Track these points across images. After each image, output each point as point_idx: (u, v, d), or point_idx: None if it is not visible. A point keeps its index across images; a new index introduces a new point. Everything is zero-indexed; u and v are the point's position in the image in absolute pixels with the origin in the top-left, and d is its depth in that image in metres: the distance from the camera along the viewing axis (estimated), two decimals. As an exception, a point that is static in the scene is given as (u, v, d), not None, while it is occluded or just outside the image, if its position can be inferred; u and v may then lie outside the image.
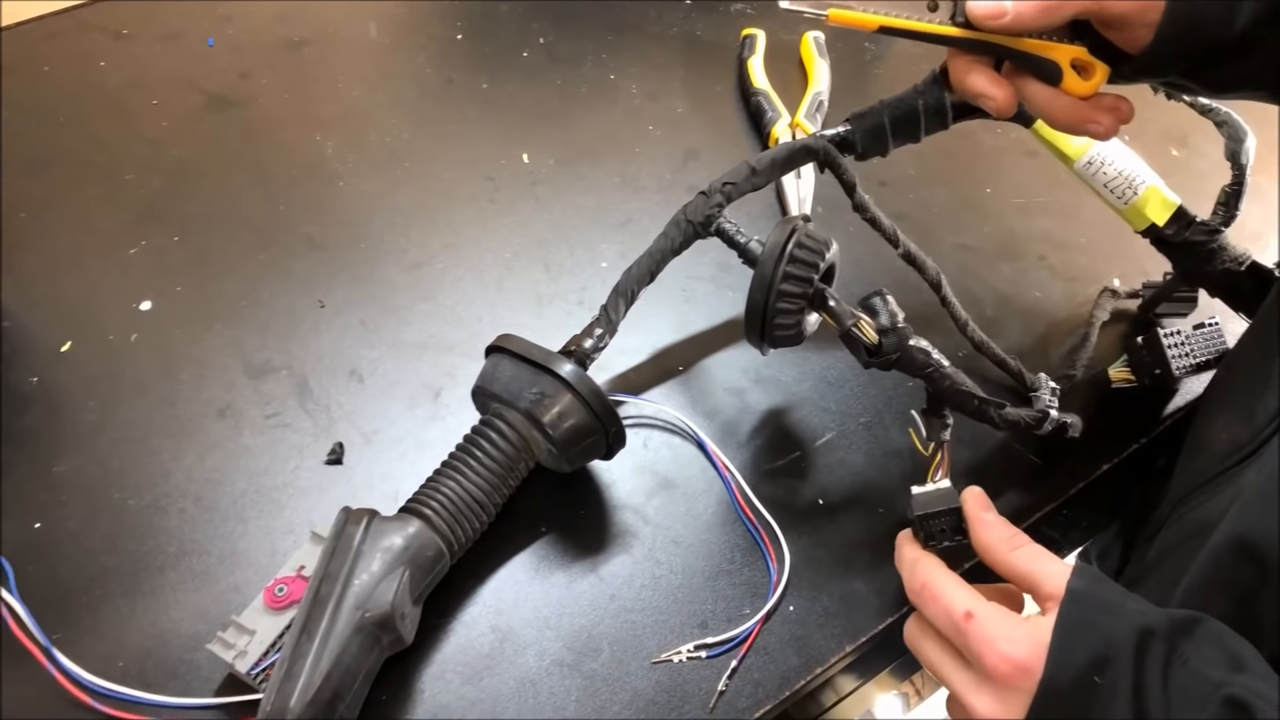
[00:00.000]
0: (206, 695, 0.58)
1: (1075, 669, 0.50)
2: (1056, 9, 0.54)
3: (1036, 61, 0.57)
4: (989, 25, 0.55)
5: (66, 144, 0.84)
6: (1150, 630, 0.49)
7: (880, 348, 0.63)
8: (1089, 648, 0.50)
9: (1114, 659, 0.49)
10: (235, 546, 0.64)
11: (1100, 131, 0.57)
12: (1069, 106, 0.57)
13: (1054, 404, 0.68)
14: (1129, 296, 0.81)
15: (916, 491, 0.62)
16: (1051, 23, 0.55)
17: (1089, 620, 0.50)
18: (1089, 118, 0.57)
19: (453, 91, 0.92)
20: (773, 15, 0.98)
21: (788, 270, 0.63)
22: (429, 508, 0.60)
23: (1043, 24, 0.55)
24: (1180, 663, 0.48)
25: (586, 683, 0.60)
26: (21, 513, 0.64)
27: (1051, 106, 0.57)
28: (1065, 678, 0.50)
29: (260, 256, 0.78)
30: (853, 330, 0.63)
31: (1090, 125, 0.57)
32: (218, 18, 0.94)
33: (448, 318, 0.76)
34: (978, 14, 0.55)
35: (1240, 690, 0.46)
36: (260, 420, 0.69)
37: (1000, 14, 0.54)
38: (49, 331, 0.72)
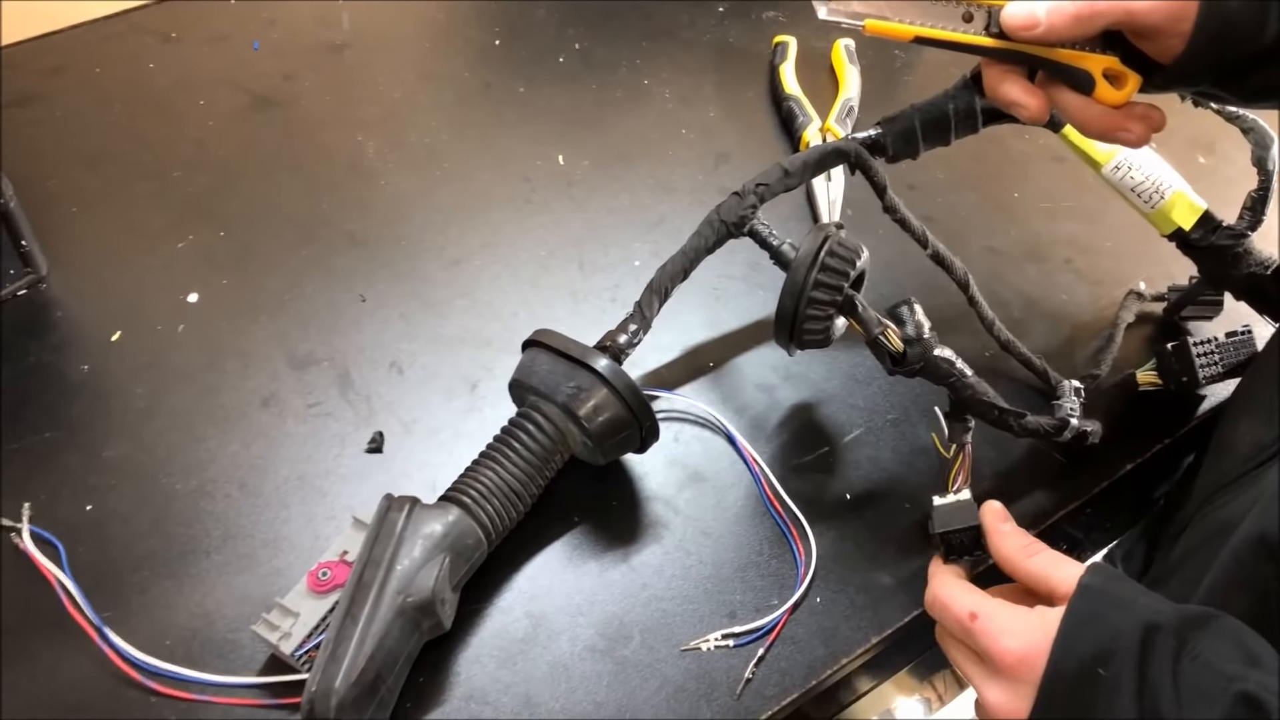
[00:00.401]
0: (250, 674, 0.59)
1: (1079, 660, 0.51)
2: (1089, 20, 0.55)
3: (1070, 71, 0.58)
4: (1022, 36, 0.56)
5: (116, 142, 0.86)
6: (1156, 625, 0.50)
7: (905, 356, 0.64)
8: (1094, 640, 0.50)
9: (1118, 652, 0.50)
10: (278, 531, 0.66)
11: (1132, 139, 0.58)
12: (1101, 114, 0.58)
13: (1075, 410, 0.69)
14: (1155, 300, 0.82)
15: (938, 504, 0.64)
16: (1084, 33, 0.56)
17: (1096, 613, 0.51)
18: (1121, 125, 0.58)
19: (490, 94, 0.94)
20: (805, 23, 1.00)
21: (819, 278, 0.65)
22: (469, 496, 0.61)
23: (1075, 34, 0.56)
24: (1191, 657, 0.48)
25: (617, 668, 0.61)
26: (72, 495, 0.66)
27: (1084, 114, 0.58)
28: (1069, 669, 0.51)
29: (303, 252, 0.80)
30: (879, 338, 0.65)
31: (1122, 133, 0.58)
32: (263, 21, 0.97)
33: (485, 313, 0.78)
34: (1011, 24, 0.56)
35: (1254, 686, 0.46)
36: (303, 409, 0.71)
37: (1034, 24, 0.55)
38: (99, 322, 0.75)
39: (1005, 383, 0.76)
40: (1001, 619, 0.55)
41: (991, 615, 0.55)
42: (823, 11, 0.60)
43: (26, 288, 0.76)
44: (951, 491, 0.65)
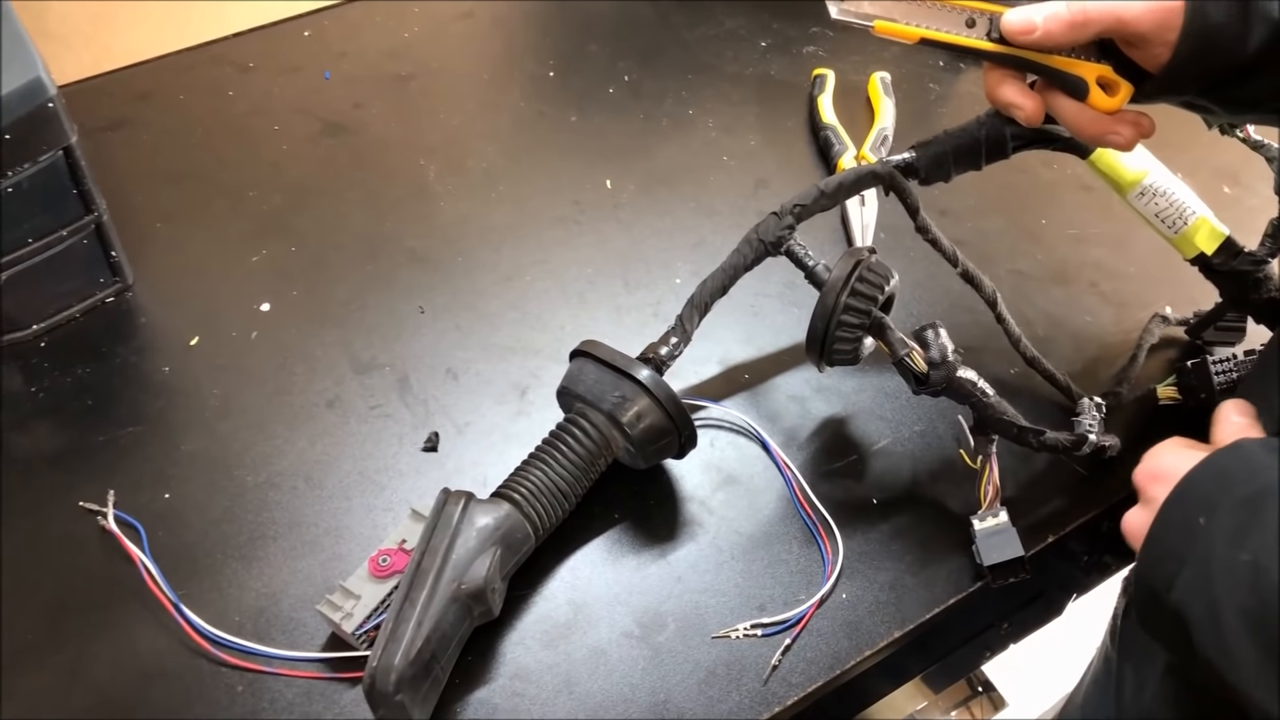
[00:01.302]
0: (312, 650, 0.64)
1: (1191, 500, 0.51)
2: (1082, 26, 0.59)
3: (1065, 77, 0.62)
4: (1020, 40, 0.60)
5: (198, 163, 0.92)
6: (1267, 490, 0.48)
7: (929, 378, 0.68)
8: (1210, 486, 0.51)
9: (1220, 506, 0.49)
10: (340, 521, 0.71)
11: (1120, 142, 0.62)
12: (1093, 119, 0.62)
13: (1095, 426, 0.72)
14: (1179, 324, 0.85)
15: (978, 529, 0.68)
16: (1077, 39, 0.60)
17: (1227, 469, 0.51)
18: (1111, 129, 0.62)
19: (544, 123, 0.99)
20: (844, 57, 1.05)
21: (849, 302, 0.68)
22: (519, 494, 0.65)
23: (1069, 40, 0.60)
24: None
25: (652, 653, 0.65)
26: (152, 485, 0.71)
27: (1078, 119, 0.63)
28: (1180, 509, 0.51)
29: (368, 266, 0.86)
30: (905, 359, 0.68)
31: (1112, 136, 0.62)
32: (334, 54, 1.03)
33: (534, 325, 0.83)
34: (1010, 29, 0.60)
35: None
36: (365, 411, 0.77)
37: (1031, 29, 0.60)
38: (179, 327, 0.81)
39: (1029, 398, 0.79)
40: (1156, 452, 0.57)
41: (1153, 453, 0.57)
42: (834, 11, 0.63)
43: (114, 295, 0.82)
44: (987, 511, 0.69)
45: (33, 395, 0.76)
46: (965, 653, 0.78)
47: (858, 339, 0.70)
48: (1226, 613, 0.47)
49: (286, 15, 1.05)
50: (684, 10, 1.11)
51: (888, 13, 0.64)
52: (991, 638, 0.79)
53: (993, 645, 0.80)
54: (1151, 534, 0.53)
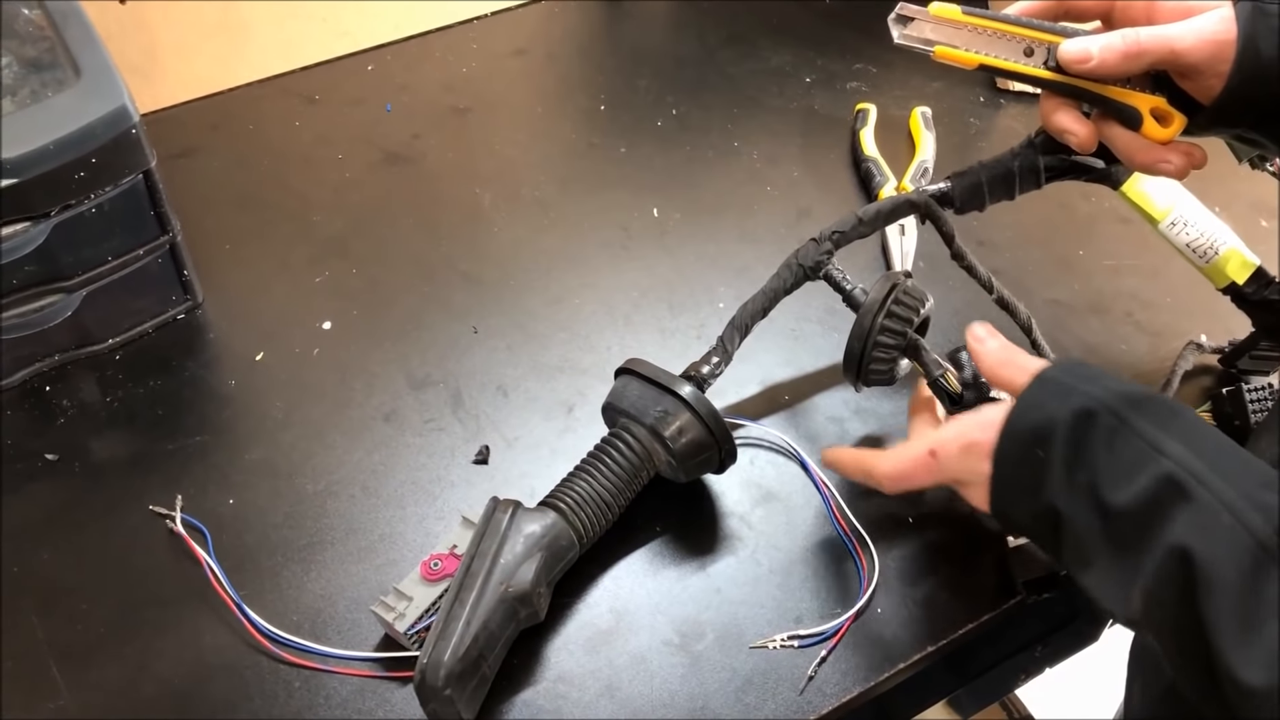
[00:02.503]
0: (366, 649, 0.67)
1: (1020, 444, 0.57)
2: (1136, 56, 0.61)
3: (1120, 107, 0.64)
4: (1077, 69, 0.63)
5: (265, 189, 0.96)
6: (1089, 410, 0.54)
7: (962, 398, 0.70)
8: (1033, 425, 0.56)
9: (1053, 435, 0.55)
10: (394, 528, 0.74)
11: (1171, 170, 0.64)
12: (1145, 148, 0.64)
13: None
14: (1214, 352, 0.86)
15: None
16: (1132, 69, 0.62)
17: (1039, 402, 0.57)
18: (1162, 158, 0.64)
19: (594, 154, 1.03)
20: (885, 92, 1.07)
21: (885, 324, 0.70)
22: (564, 503, 0.68)
23: (1124, 70, 0.62)
24: (1126, 434, 0.53)
25: (691, 661, 0.68)
26: (218, 491, 0.75)
27: (1130, 147, 0.65)
28: (1012, 453, 0.57)
29: (424, 288, 0.89)
30: (939, 380, 0.70)
31: (1163, 165, 0.64)
32: (395, 87, 1.07)
33: (582, 345, 0.86)
34: (1067, 58, 0.63)
35: (1175, 467, 0.51)
36: (420, 424, 0.80)
37: (1087, 58, 0.62)
38: (246, 343, 0.84)
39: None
40: (950, 434, 0.62)
41: (945, 439, 0.62)
42: (897, 36, 0.66)
43: (185, 312, 0.86)
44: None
45: (107, 405, 0.80)
46: (999, 674, 0.79)
47: (893, 360, 0.72)
48: (1074, 528, 0.55)
49: (351, 50, 1.10)
50: (731, 47, 1.14)
51: (949, 39, 0.66)
52: (1025, 660, 0.79)
53: (1027, 668, 0.81)
54: (997, 476, 0.58)
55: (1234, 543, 0.48)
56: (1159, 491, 0.51)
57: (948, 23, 0.66)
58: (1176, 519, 0.50)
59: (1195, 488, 0.50)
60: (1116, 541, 0.53)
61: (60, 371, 0.81)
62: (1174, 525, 0.50)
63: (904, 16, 0.66)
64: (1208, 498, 0.49)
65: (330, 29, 1.09)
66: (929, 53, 0.66)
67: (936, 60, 0.66)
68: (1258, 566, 0.47)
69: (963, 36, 0.66)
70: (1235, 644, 0.46)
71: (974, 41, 0.66)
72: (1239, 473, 0.51)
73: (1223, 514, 0.49)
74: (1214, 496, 0.49)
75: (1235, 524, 0.48)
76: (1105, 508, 0.53)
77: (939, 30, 0.66)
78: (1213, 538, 0.48)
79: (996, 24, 0.65)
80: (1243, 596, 0.47)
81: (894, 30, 0.66)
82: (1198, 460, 0.51)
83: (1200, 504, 0.50)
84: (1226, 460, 0.52)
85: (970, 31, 0.66)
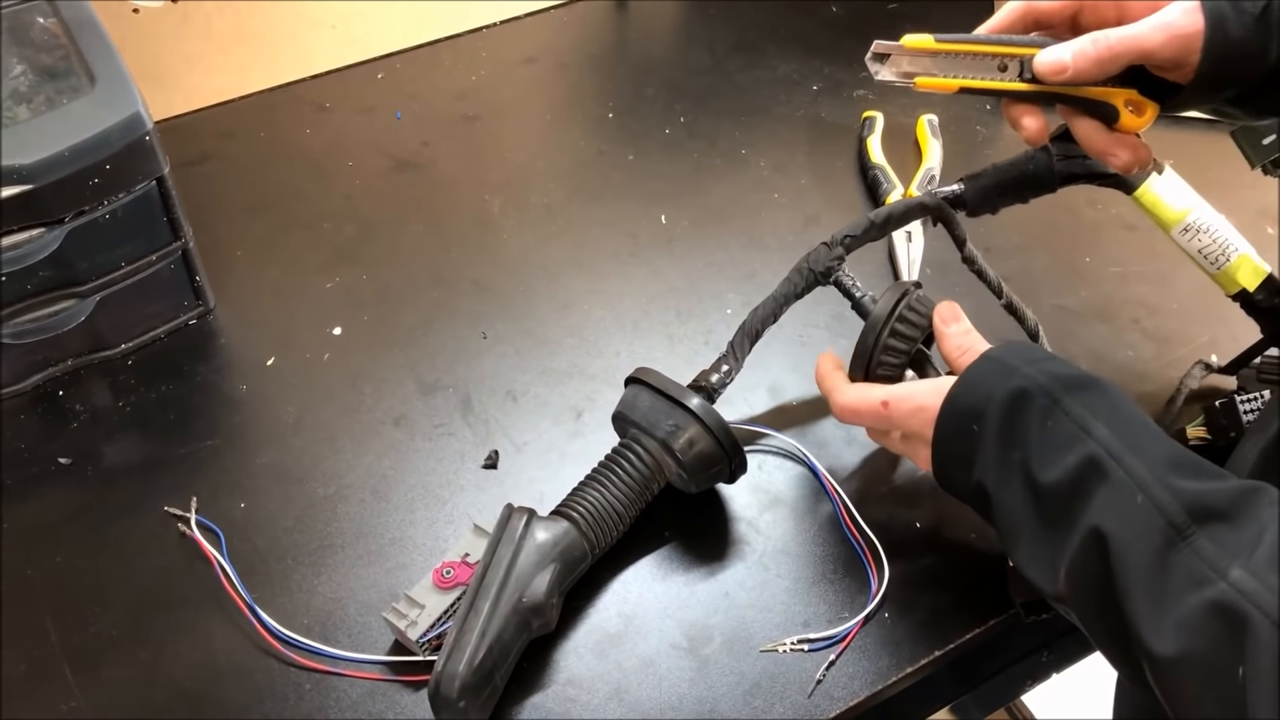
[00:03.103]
0: (376, 653, 0.67)
1: (958, 418, 0.61)
2: (1109, 62, 0.62)
3: (1096, 105, 0.65)
4: (1054, 80, 0.64)
5: (277, 196, 0.97)
6: (1025, 390, 0.58)
7: None
8: (971, 400, 0.60)
9: (988, 412, 0.59)
10: (404, 533, 0.74)
11: (1118, 164, 0.66)
12: (1104, 139, 0.66)
13: None
14: (1221, 371, 0.85)
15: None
16: (1107, 74, 0.63)
17: (981, 377, 0.61)
18: (1110, 151, 0.66)
19: (603, 161, 1.03)
20: (891, 100, 1.08)
21: (889, 342, 0.70)
22: (577, 512, 0.68)
23: (1099, 76, 0.63)
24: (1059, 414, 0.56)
25: (700, 665, 0.68)
26: (229, 495, 0.76)
27: (1090, 138, 0.67)
28: (950, 427, 0.61)
29: (434, 294, 0.90)
30: None
31: (1110, 158, 0.66)
32: (405, 95, 1.08)
33: (590, 351, 0.86)
34: (1043, 71, 0.64)
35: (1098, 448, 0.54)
36: (429, 429, 0.80)
37: (1063, 69, 0.63)
38: (257, 348, 0.85)
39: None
40: (905, 399, 0.66)
41: (896, 398, 0.66)
42: (876, 74, 0.68)
43: (197, 318, 0.87)
44: None
45: (120, 409, 0.80)
46: (1006, 679, 0.78)
47: (899, 373, 0.72)
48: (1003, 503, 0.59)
49: (361, 59, 1.11)
50: (738, 56, 1.15)
51: (926, 69, 0.68)
52: (1033, 666, 0.79)
53: (1034, 674, 0.81)
54: (936, 444, 0.63)
55: (1147, 521, 0.51)
56: (1083, 471, 0.54)
57: (923, 52, 0.67)
58: (1095, 497, 0.53)
59: (1113, 468, 0.53)
60: (1044, 518, 0.56)
61: (73, 376, 0.82)
62: (1093, 504, 0.53)
63: (880, 55, 0.68)
64: (1123, 477, 0.53)
65: (341, 37, 1.10)
66: (910, 85, 0.68)
67: (918, 90, 0.68)
68: (1167, 544, 0.49)
69: (940, 63, 0.68)
70: (1147, 618, 0.49)
71: (951, 67, 0.68)
72: (1153, 455, 0.53)
73: (1136, 494, 0.52)
74: (1129, 476, 0.52)
75: (1148, 503, 0.51)
76: (1035, 485, 0.56)
77: (916, 61, 0.68)
78: (1127, 517, 0.51)
79: (970, 46, 0.67)
80: (1153, 573, 0.49)
81: (872, 68, 0.68)
82: (1118, 442, 0.54)
83: (1116, 483, 0.53)
84: (1146, 443, 0.54)
85: (946, 58, 0.67)
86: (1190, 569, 0.48)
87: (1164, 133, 0.69)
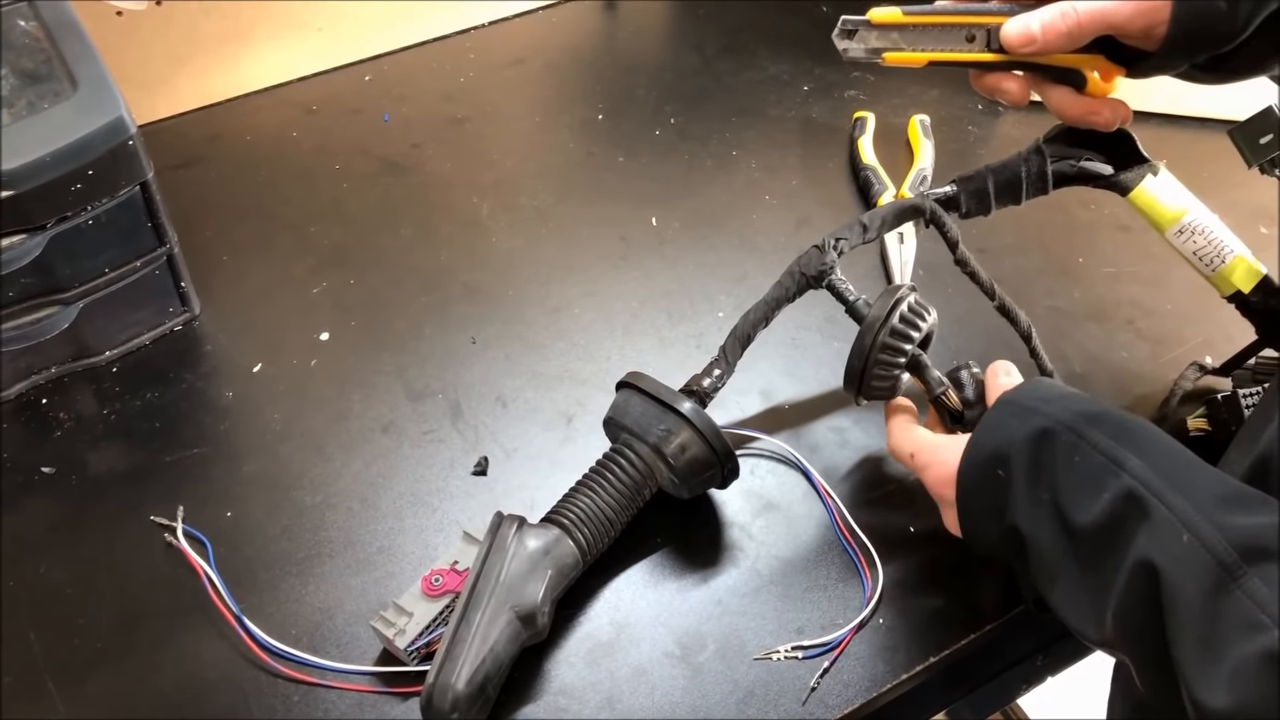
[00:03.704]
0: (364, 663, 0.66)
1: (980, 468, 0.59)
2: (1078, 32, 0.62)
3: (1064, 72, 0.66)
4: (1022, 52, 0.64)
5: (263, 200, 0.97)
6: (1047, 428, 0.56)
7: (963, 415, 0.70)
8: (991, 447, 0.59)
9: (1012, 455, 0.57)
10: (393, 541, 0.73)
11: (1100, 122, 0.67)
12: (1077, 103, 0.67)
13: None
14: (1215, 373, 0.84)
15: None
16: (1075, 45, 0.63)
17: (999, 423, 0.59)
18: (1093, 109, 0.66)
19: (593, 163, 1.03)
20: (883, 101, 1.07)
21: (886, 341, 0.69)
22: (568, 519, 0.67)
23: (1068, 46, 0.63)
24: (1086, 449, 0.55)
25: (693, 673, 0.67)
26: (215, 503, 0.75)
27: (1063, 103, 0.67)
28: (973, 480, 0.60)
29: (423, 299, 0.89)
30: (940, 398, 0.71)
31: (1092, 117, 0.67)
32: (393, 97, 1.07)
33: (581, 355, 0.85)
34: (1011, 42, 0.64)
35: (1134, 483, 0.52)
36: (418, 436, 0.80)
37: (1031, 40, 0.63)
38: (243, 355, 0.84)
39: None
40: (927, 453, 0.65)
41: (920, 451, 0.66)
42: (844, 50, 0.67)
43: (183, 324, 0.86)
44: None
45: (105, 417, 0.79)
46: (1001, 684, 0.78)
47: (895, 376, 0.71)
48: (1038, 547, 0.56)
49: (349, 61, 1.10)
50: (729, 57, 1.14)
51: (893, 43, 0.67)
52: (1027, 670, 0.79)
53: (1029, 678, 0.80)
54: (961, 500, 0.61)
55: (1195, 561, 0.48)
56: (1121, 508, 0.52)
57: (890, 26, 0.67)
58: (1138, 535, 0.50)
59: (1154, 505, 0.50)
60: (1083, 560, 0.54)
61: (57, 384, 0.81)
62: (1136, 542, 0.50)
63: (847, 30, 0.68)
64: (1165, 515, 0.50)
65: (328, 39, 1.09)
66: (877, 60, 0.68)
67: (886, 65, 0.68)
68: (1218, 586, 0.47)
69: (908, 37, 0.67)
70: (1197, 666, 0.46)
71: (919, 40, 0.67)
72: (1197, 488, 0.51)
73: (1182, 532, 0.49)
74: (1172, 513, 0.50)
75: (1194, 542, 0.48)
76: (1070, 526, 0.54)
77: (884, 36, 0.68)
78: (1174, 556, 0.49)
79: (935, 18, 0.67)
80: (1204, 616, 0.47)
81: (840, 45, 0.68)
82: (1156, 476, 0.52)
83: (1158, 520, 0.50)
84: (1184, 474, 0.52)
85: (914, 31, 0.67)
86: (1243, 613, 0.45)
87: (1156, 131, 0.69)
